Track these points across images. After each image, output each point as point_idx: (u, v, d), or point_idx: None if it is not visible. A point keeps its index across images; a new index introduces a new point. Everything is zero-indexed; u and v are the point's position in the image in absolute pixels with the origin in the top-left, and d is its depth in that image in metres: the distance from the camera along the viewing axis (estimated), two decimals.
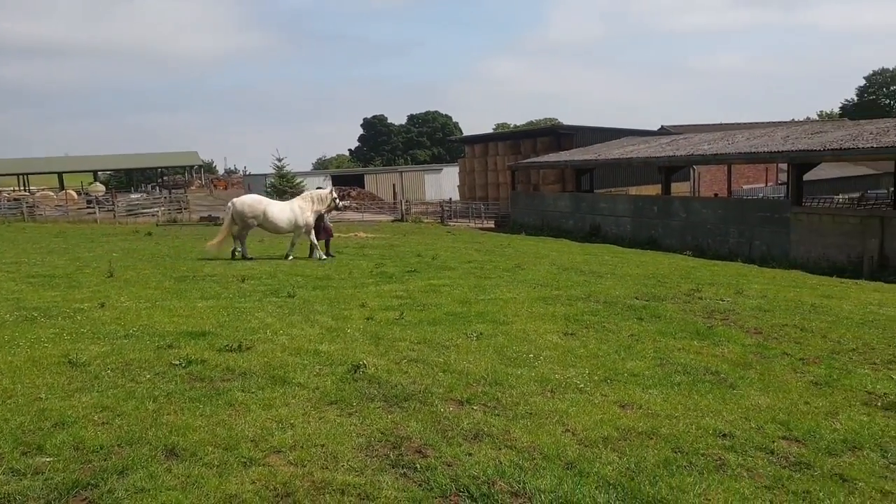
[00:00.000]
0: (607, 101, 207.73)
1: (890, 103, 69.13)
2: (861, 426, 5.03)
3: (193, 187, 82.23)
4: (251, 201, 16.44)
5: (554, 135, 42.06)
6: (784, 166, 35.38)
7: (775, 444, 4.67)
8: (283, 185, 52.91)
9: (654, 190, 32.42)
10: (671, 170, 28.46)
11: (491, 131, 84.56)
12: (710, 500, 3.81)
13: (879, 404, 5.58)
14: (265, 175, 59.93)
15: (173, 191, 67.46)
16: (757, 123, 48.17)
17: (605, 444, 4.59)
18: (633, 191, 35.30)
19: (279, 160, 54.48)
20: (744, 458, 4.41)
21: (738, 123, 50.69)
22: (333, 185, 62.02)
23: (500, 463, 4.27)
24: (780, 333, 8.18)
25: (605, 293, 10.97)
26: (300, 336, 7.81)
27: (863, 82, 73.75)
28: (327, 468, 4.22)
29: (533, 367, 6.50)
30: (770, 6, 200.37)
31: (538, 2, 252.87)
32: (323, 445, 4.57)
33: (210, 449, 4.45)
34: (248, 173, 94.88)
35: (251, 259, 16.36)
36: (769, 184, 45.61)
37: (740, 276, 14.93)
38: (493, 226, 38.77)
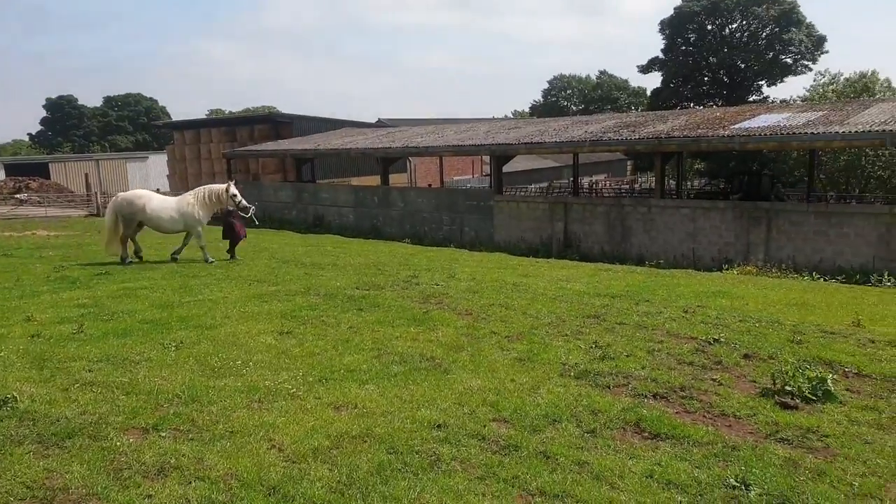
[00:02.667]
0: (325, 91, 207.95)
1: (567, 104, 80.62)
2: (559, 398, 5.32)
3: None
4: (131, 196, 14.38)
5: (272, 123, 40.54)
6: (487, 158, 38.92)
7: (486, 427, 4.68)
8: None
9: (374, 181, 33.14)
10: (389, 161, 29.29)
11: (204, 117, 78.98)
12: (424, 503, 3.57)
13: (572, 374, 6.03)
14: None
15: None
16: (463, 119, 52.32)
17: (315, 457, 4.12)
18: (354, 181, 35.66)
19: None
20: (457, 448, 4.31)
21: (448, 119, 54.56)
22: (8, 174, 52.03)
23: (188, 501, 3.53)
24: (489, 313, 8.59)
25: (325, 285, 10.57)
26: None
27: (546, 85, 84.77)
28: None
29: (241, 376, 5.78)
30: (471, 10, 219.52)
31: None
32: None
33: None
34: None
35: (131, 263, 13.70)
36: (475, 175, 49.98)
37: (453, 261, 15.77)
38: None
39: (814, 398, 5.37)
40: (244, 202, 14.62)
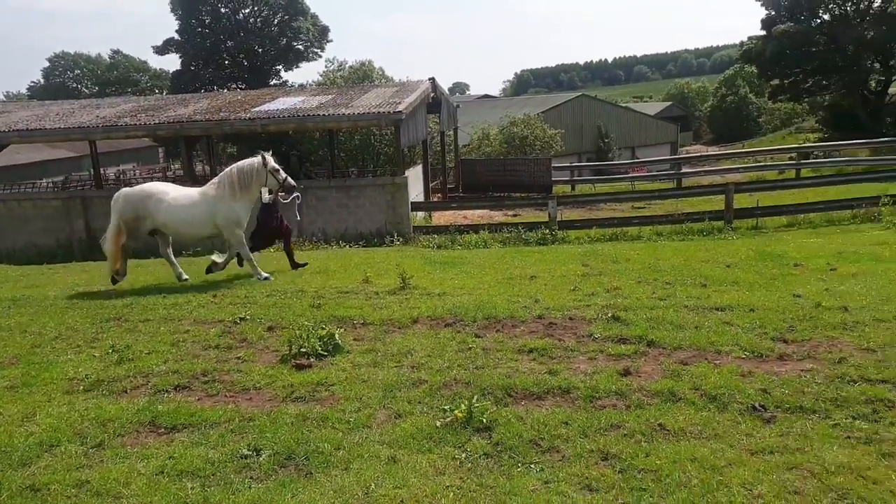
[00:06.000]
0: None
1: (79, 87, 71.23)
2: (60, 419, 4.64)
3: None
4: (139, 193, 9.89)
5: None
6: None
7: None
8: None
9: None
10: None
11: None
12: None
13: (82, 388, 5.35)
14: None
15: None
16: None
17: None
18: None
19: None
20: None
21: None
22: None
23: None
24: None
25: None
26: None
27: (47, 64, 73.24)
28: None
29: None
30: None
31: None
32: None
33: None
34: None
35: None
36: None
37: None
38: None
39: (325, 353, 5.90)
40: (290, 180, 10.51)
